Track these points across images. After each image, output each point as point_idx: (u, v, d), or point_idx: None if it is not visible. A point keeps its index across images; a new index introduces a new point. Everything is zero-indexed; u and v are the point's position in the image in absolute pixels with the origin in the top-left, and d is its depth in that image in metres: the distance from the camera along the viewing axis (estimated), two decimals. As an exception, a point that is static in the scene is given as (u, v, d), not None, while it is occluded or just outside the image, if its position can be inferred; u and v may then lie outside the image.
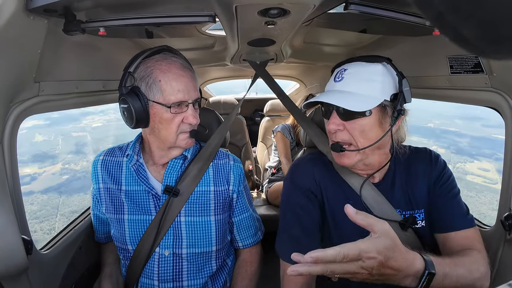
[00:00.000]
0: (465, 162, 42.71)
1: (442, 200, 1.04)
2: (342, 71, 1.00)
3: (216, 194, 1.19)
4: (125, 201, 1.15)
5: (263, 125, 3.38)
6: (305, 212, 1.07)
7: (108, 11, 0.97)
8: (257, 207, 2.55)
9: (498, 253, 1.07)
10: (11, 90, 0.86)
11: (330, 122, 0.98)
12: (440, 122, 59.08)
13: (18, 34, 0.78)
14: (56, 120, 60.55)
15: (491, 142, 53.11)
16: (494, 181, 35.94)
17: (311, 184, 1.08)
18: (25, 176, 36.13)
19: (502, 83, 1.00)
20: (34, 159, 43.11)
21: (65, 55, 1.05)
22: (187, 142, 1.11)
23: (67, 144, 48.88)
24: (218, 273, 1.22)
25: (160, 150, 1.14)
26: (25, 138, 51.17)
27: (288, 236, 1.08)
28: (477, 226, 1.17)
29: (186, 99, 1.05)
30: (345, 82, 0.98)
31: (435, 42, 1.17)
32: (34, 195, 31.14)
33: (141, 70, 1.04)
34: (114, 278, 1.21)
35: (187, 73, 1.07)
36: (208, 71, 3.27)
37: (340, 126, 0.97)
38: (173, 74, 1.04)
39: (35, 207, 28.31)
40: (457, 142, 53.29)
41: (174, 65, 1.05)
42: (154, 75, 1.03)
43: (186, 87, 1.05)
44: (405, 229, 1.02)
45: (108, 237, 1.30)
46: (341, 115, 0.97)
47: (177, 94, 1.03)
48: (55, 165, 40.70)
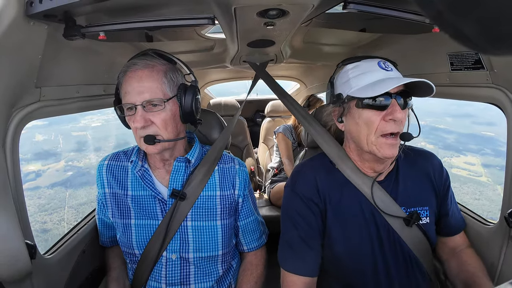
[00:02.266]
0: (451, 157, 44.88)
1: (447, 207, 1.13)
2: (383, 62, 1.00)
3: (222, 198, 1.19)
4: (131, 206, 1.15)
5: (265, 126, 3.38)
6: (304, 221, 1.06)
7: (107, 15, 0.98)
8: (259, 208, 2.54)
9: (502, 249, 1.06)
10: (13, 96, 0.87)
11: (395, 110, 0.94)
12: (431, 120, 60.91)
13: (18, 39, 0.79)
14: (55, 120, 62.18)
15: (479, 138, 55.21)
16: (479, 173, 38.14)
17: (313, 194, 1.07)
18: (30, 172, 37.80)
19: (503, 79, 1.00)
20: (36, 157, 45.00)
21: (66, 60, 1.05)
22: (147, 148, 1.04)
23: (68, 143, 50.80)
24: (224, 276, 1.22)
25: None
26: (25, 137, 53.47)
27: (287, 245, 1.09)
28: (481, 223, 1.17)
29: (132, 101, 1.00)
30: (395, 73, 0.99)
31: (435, 39, 1.17)
32: (40, 190, 33.08)
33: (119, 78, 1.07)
34: (121, 282, 1.21)
35: (141, 73, 1.01)
36: (208, 73, 3.28)
37: (404, 115, 0.97)
38: (127, 77, 1.02)
39: (43, 201, 30.01)
40: (445, 139, 55.95)
41: (130, 68, 1.02)
42: (119, 80, 1.05)
43: (134, 88, 1.00)
44: (410, 225, 1.03)
45: (113, 241, 1.30)
46: (400, 104, 0.95)
47: (125, 97, 1.01)
48: (58, 163, 42.42)
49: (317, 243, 1.07)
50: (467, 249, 1.14)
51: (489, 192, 33.98)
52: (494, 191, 34.03)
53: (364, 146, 1.00)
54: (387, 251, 1.04)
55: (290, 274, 1.05)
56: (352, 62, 1.04)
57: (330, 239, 1.07)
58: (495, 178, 37.02)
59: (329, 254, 1.08)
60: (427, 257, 1.07)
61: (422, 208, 1.07)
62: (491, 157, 46.40)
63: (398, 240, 1.04)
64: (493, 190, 34.29)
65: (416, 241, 1.05)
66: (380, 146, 0.97)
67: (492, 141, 53.73)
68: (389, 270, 1.04)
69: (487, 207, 30.58)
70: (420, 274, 1.07)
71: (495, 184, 35.78)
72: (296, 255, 1.07)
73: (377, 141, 0.97)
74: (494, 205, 30.47)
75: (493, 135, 54.38)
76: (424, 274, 1.08)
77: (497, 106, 1.07)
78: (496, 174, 38.32)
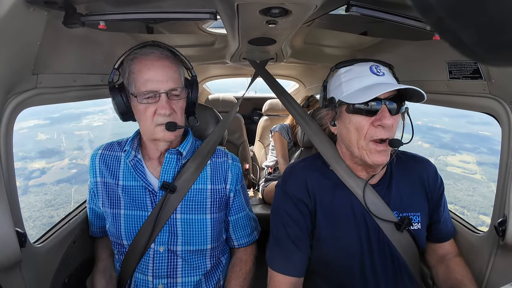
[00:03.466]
0: (446, 155, 46.36)
1: (440, 214, 1.14)
2: (375, 66, 1.00)
3: (213, 192, 1.19)
4: (122, 196, 1.15)
5: (261, 124, 3.38)
6: (294, 222, 1.07)
7: (108, 4, 0.97)
8: (253, 206, 2.54)
9: (491, 258, 1.08)
10: (9, 82, 0.86)
11: (384, 116, 0.94)
12: (428, 120, 62.75)
13: (17, 25, 0.78)
14: (56, 119, 64.94)
15: (474, 137, 57.57)
16: (473, 171, 39.39)
17: (303, 195, 1.07)
18: (35, 170, 39.07)
19: (501, 90, 1.01)
20: (40, 155, 46.28)
21: (64, 48, 1.04)
22: (165, 135, 1.08)
23: (71, 142, 52.47)
24: (212, 271, 1.22)
25: (149, 143, 1.15)
26: (28, 136, 56.33)
27: (275, 245, 1.10)
28: (470, 231, 1.19)
29: (156, 89, 1.03)
30: (388, 77, 0.99)
31: (434, 47, 1.17)
32: (46, 187, 34.62)
33: (124, 66, 1.07)
34: (107, 273, 1.21)
35: (163, 63, 1.05)
36: (207, 68, 3.26)
37: (394, 121, 0.96)
38: (144, 65, 1.04)
39: (49, 197, 31.63)
40: (442, 138, 57.97)
41: (149, 56, 1.05)
42: (130, 68, 1.06)
43: (156, 76, 1.03)
44: (401, 230, 1.03)
45: (103, 231, 1.30)
46: (389, 110, 0.95)
47: (146, 84, 1.03)
48: (62, 161, 43.91)
49: (305, 244, 1.08)
50: (456, 258, 1.15)
51: (483, 189, 34.71)
52: (488, 188, 34.77)
53: (355, 151, 1.01)
54: (376, 253, 1.05)
55: (277, 274, 1.06)
56: (345, 66, 1.05)
57: (319, 240, 1.07)
58: (489, 176, 37.97)
59: (317, 254, 1.09)
60: (414, 261, 1.08)
61: (414, 214, 1.08)
62: (486, 155, 47.52)
63: (387, 243, 1.05)
64: (487, 187, 35.08)
65: (405, 246, 1.06)
66: (370, 151, 0.98)
67: (488, 140, 55.06)
68: (376, 272, 1.05)
69: (479, 203, 31.53)
70: (407, 277, 1.09)
71: (489, 181, 36.64)
72: (283, 255, 1.07)
73: (367, 146, 0.97)
74: (487, 201, 31.50)
75: (490, 134, 55.63)
76: (411, 277, 1.09)
77: (493, 117, 1.08)
78: (490, 172, 39.10)
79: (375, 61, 1.03)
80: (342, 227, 1.06)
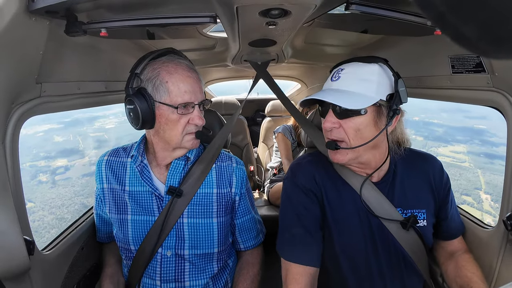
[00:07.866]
0: (438, 147, 49.94)
1: (447, 211, 1.13)
2: (339, 70, 1.02)
3: (218, 196, 1.19)
4: (128, 202, 1.16)
5: (265, 125, 3.37)
6: (307, 211, 1.07)
7: (109, 12, 0.98)
8: (258, 207, 2.55)
9: (501, 253, 1.07)
10: (13, 91, 0.87)
11: (326, 120, 1.00)
12: (425, 115, 65.45)
13: (20, 35, 0.79)
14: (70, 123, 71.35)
15: (469, 130, 60.52)
16: (462, 160, 43.87)
17: (312, 184, 1.08)
18: (59, 167, 46.95)
19: (504, 82, 1.00)
20: (61, 154, 52.31)
21: (67, 56, 1.05)
22: (193, 143, 1.12)
23: (88, 142, 58.48)
24: (220, 274, 1.22)
25: (164, 151, 1.15)
26: (45, 139, 63.33)
27: (290, 236, 1.08)
28: (479, 226, 1.18)
29: (192, 101, 1.06)
30: (341, 81, 0.99)
31: (436, 42, 1.17)
32: (73, 180, 41.96)
33: (147, 72, 1.05)
34: (115, 279, 1.22)
35: (193, 75, 1.09)
36: (209, 72, 3.27)
37: (335, 124, 0.99)
38: (180, 75, 1.05)
39: (77, 188, 37.89)
40: (435, 132, 61.38)
41: (180, 66, 1.06)
42: (161, 76, 1.04)
43: (192, 88, 1.06)
44: (407, 229, 1.02)
45: (110, 237, 1.30)
46: (337, 113, 0.98)
47: (184, 95, 1.04)
48: (83, 158, 49.47)
49: (319, 234, 1.08)
50: (465, 254, 1.14)
51: (469, 175, 39.44)
52: (474, 173, 39.37)
53: None
54: (381, 251, 1.05)
55: (295, 265, 1.04)
56: (336, 67, 1.07)
57: (327, 232, 1.08)
58: (477, 164, 42.43)
59: (327, 248, 1.08)
60: (422, 259, 1.07)
61: (420, 210, 1.07)
62: (477, 146, 50.84)
63: (392, 242, 1.04)
64: (472, 173, 39.64)
65: (411, 243, 1.05)
66: (329, 152, 1.04)
67: (481, 132, 58.27)
68: (383, 270, 1.05)
69: (463, 186, 38.12)
70: (415, 275, 1.07)
71: (475, 168, 41.10)
72: (300, 245, 1.06)
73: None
74: (470, 184, 38.99)
75: (484, 127, 58.64)
76: (420, 276, 1.08)
77: (498, 110, 1.06)
78: (478, 160, 44.00)
79: (364, 58, 1.01)
80: (346, 225, 1.06)
